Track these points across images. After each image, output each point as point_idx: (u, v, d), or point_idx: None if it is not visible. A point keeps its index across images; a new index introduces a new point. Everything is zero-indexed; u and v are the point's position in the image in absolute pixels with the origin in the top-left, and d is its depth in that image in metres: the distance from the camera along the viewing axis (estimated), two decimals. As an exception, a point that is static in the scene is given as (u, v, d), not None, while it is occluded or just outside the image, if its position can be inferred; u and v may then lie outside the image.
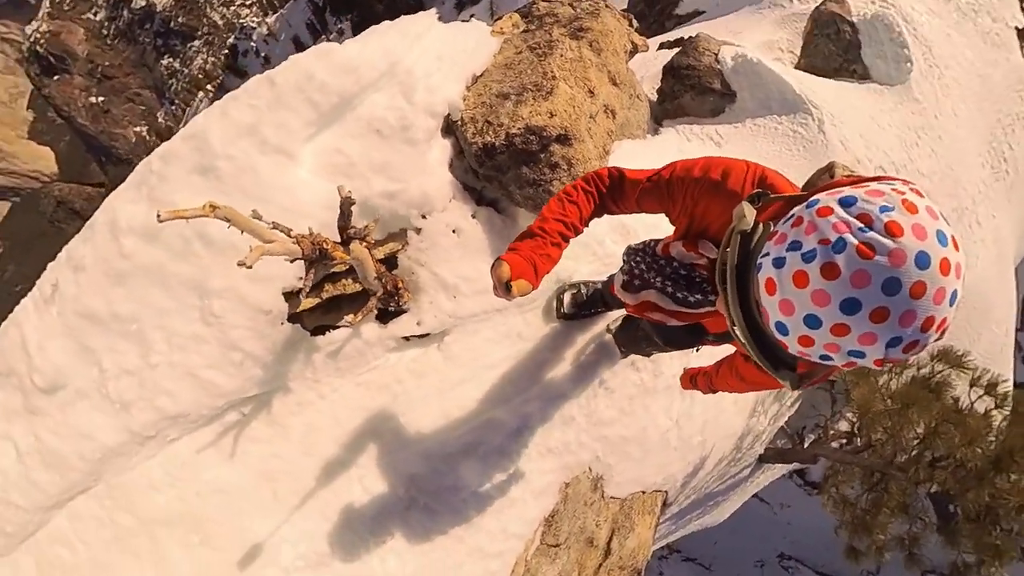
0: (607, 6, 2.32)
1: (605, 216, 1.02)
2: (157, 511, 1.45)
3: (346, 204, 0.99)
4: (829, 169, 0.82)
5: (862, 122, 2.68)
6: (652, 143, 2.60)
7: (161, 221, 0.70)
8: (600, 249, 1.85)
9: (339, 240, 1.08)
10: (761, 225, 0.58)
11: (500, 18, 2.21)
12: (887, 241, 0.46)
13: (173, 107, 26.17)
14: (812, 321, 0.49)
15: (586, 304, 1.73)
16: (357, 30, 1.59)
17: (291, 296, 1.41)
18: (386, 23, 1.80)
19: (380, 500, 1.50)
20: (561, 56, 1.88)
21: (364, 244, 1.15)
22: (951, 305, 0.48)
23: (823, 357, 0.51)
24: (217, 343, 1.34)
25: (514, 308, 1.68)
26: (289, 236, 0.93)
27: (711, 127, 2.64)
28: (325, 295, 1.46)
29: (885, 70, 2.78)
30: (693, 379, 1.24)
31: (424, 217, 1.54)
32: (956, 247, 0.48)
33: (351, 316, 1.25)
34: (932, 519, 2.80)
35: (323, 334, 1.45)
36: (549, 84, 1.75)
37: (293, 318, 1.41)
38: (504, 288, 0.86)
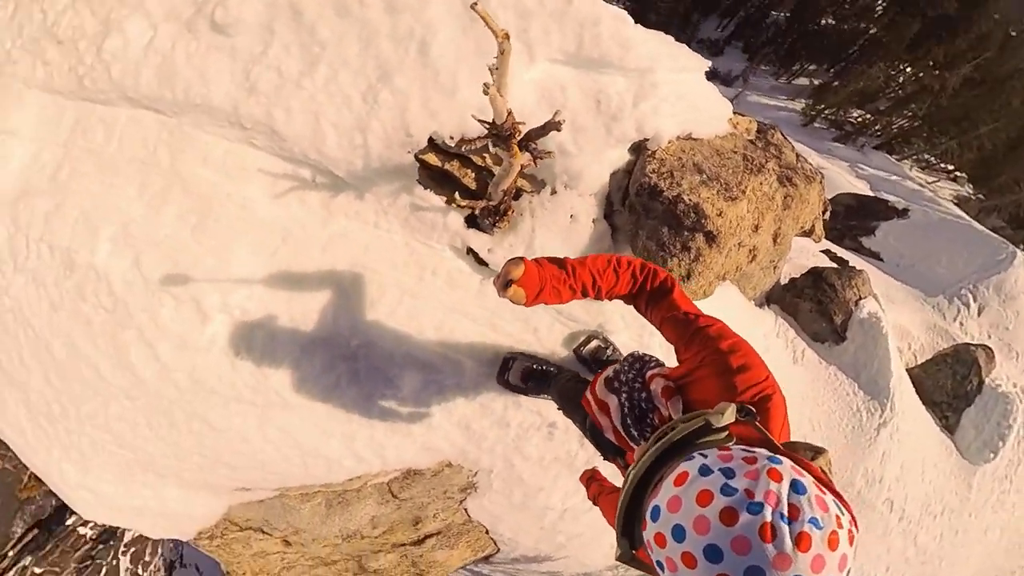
0: (821, 183, 2.36)
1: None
2: (190, 177, 1.54)
3: (553, 125, 1.06)
4: (816, 452, 0.80)
5: (912, 458, 2.62)
6: (748, 310, 2.61)
7: (472, 7, 0.77)
8: (646, 336, 1.87)
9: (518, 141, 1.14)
10: (725, 434, 0.58)
11: (741, 115, 2.29)
12: (788, 544, 0.46)
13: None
14: (678, 532, 0.50)
15: (601, 363, 1.74)
16: (633, 15, 1.69)
17: (430, 142, 1.49)
18: (672, 38, 1.89)
19: (333, 334, 1.55)
20: (760, 184, 1.92)
21: (525, 163, 1.20)
22: None
23: (659, 563, 0.52)
24: (356, 117, 1.42)
25: (553, 311, 1.72)
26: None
27: (802, 343, 2.62)
28: (448, 168, 1.53)
29: (969, 441, 2.71)
30: (590, 479, 1.20)
31: (565, 187, 1.60)
32: None
33: (459, 197, 1.30)
34: None
35: (424, 188, 1.52)
36: (736, 193, 1.79)
37: (416, 158, 1.48)
38: (504, 284, 0.87)
